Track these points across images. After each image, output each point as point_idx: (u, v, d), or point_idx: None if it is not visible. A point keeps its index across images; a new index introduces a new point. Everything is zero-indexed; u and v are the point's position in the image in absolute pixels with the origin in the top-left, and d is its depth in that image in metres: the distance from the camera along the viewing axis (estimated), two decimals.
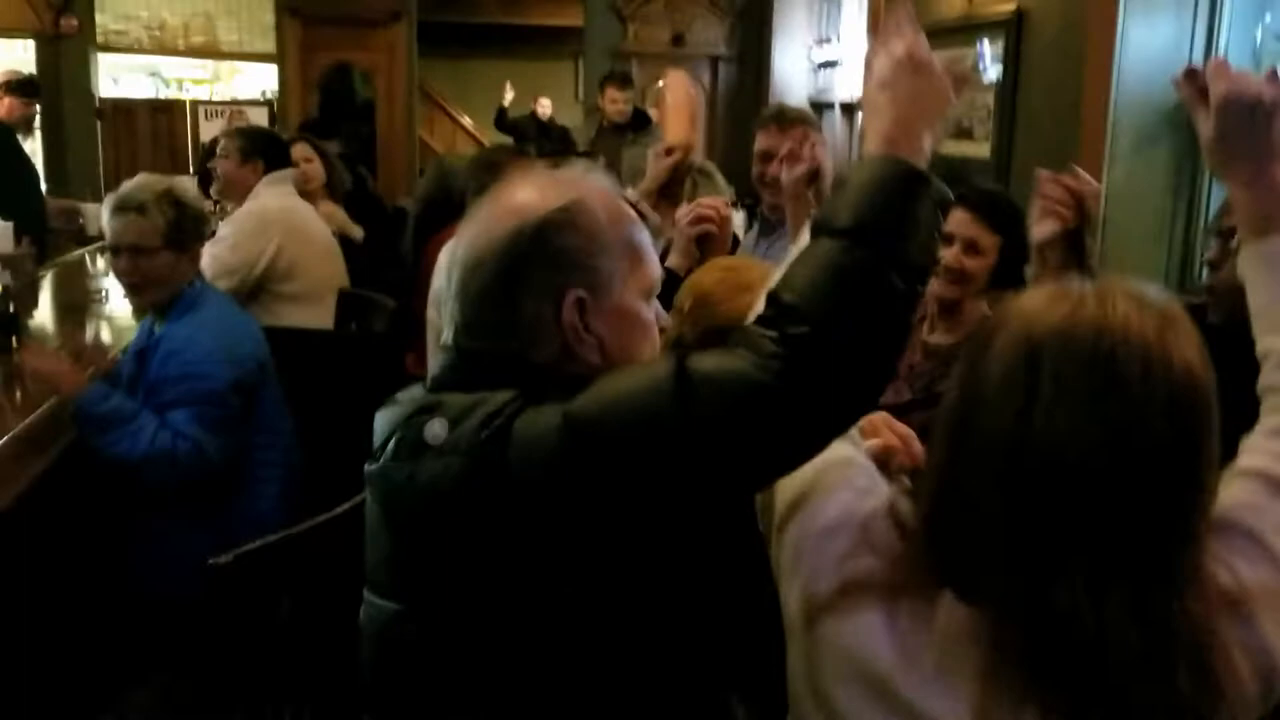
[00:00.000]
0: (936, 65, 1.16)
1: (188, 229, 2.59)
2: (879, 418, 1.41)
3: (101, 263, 4.25)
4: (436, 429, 1.09)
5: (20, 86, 5.26)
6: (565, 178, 1.24)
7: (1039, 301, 1.00)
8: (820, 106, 7.94)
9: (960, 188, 2.19)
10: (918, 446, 1.37)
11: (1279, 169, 1.17)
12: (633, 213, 1.26)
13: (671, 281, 1.91)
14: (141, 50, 8.13)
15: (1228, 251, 2.00)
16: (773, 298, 1.05)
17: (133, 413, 2.42)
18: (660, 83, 9.16)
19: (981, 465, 0.98)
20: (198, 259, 2.69)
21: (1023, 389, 0.96)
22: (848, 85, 7.30)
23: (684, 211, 2.31)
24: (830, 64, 7.55)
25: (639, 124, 6.15)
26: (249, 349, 2.64)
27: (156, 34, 8.07)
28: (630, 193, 2.90)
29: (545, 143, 4.61)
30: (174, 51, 8.23)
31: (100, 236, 5.14)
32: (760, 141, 3.02)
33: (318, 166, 4.46)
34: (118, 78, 8.42)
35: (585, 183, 1.24)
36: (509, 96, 7.61)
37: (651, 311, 1.24)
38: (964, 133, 5.17)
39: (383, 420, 1.19)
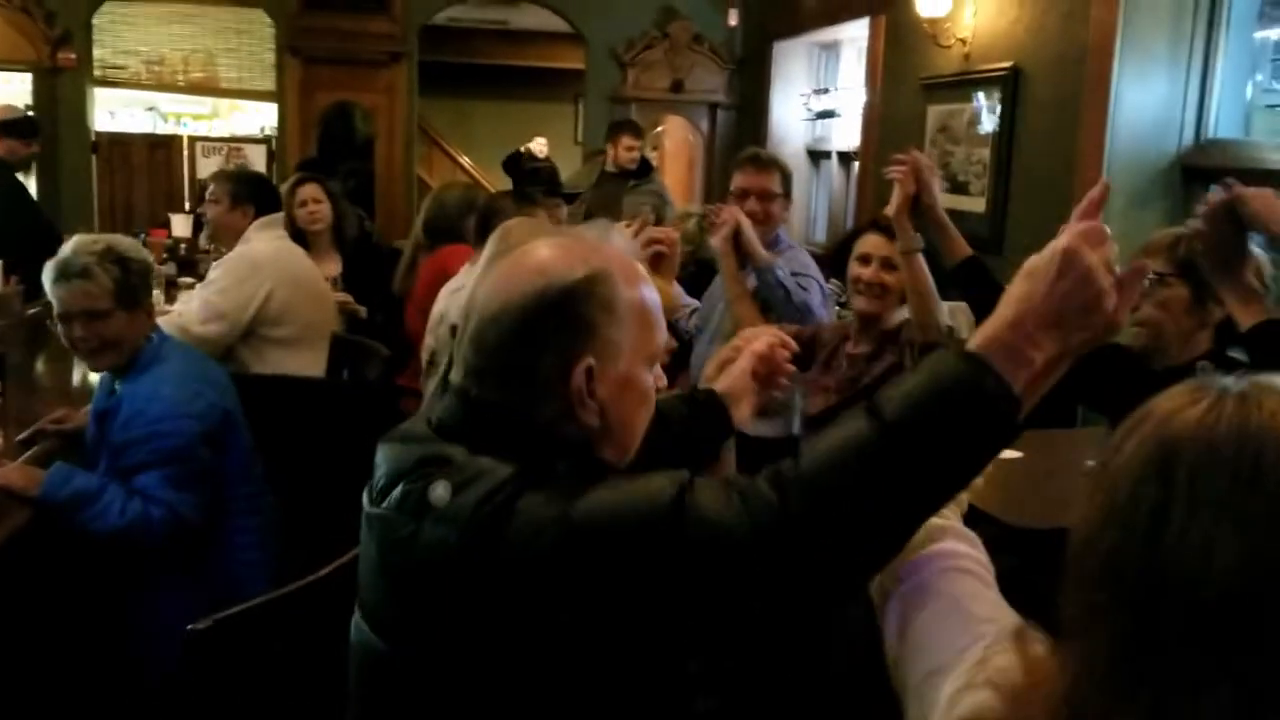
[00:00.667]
0: (1097, 274, 1.05)
1: (136, 284, 2.52)
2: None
3: None
4: (440, 491, 1.13)
5: (18, 127, 5.24)
6: (591, 243, 1.29)
7: (1175, 401, 0.90)
8: (817, 155, 7.98)
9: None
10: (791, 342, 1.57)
11: None
12: (648, 279, 1.29)
13: None
14: (140, 85, 8.15)
15: (1141, 290, 2.10)
16: (795, 454, 1.07)
17: (98, 489, 2.37)
18: (659, 128, 9.26)
19: (1111, 584, 0.89)
20: (151, 312, 2.63)
21: (1154, 500, 0.86)
22: (844, 134, 7.35)
23: (641, 236, 2.46)
24: (828, 113, 7.60)
25: (642, 171, 6.22)
26: (212, 398, 2.57)
27: (155, 69, 8.10)
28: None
29: (534, 187, 4.62)
30: (173, 87, 8.26)
31: None
32: (737, 180, 3.23)
33: (326, 209, 4.44)
34: (114, 111, 8.43)
35: (608, 250, 1.29)
36: (538, 147, 7.35)
37: (652, 378, 1.27)
38: (960, 187, 5.19)
39: (388, 458, 1.23)
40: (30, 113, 5.53)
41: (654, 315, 1.26)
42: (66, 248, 2.52)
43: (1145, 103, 4.10)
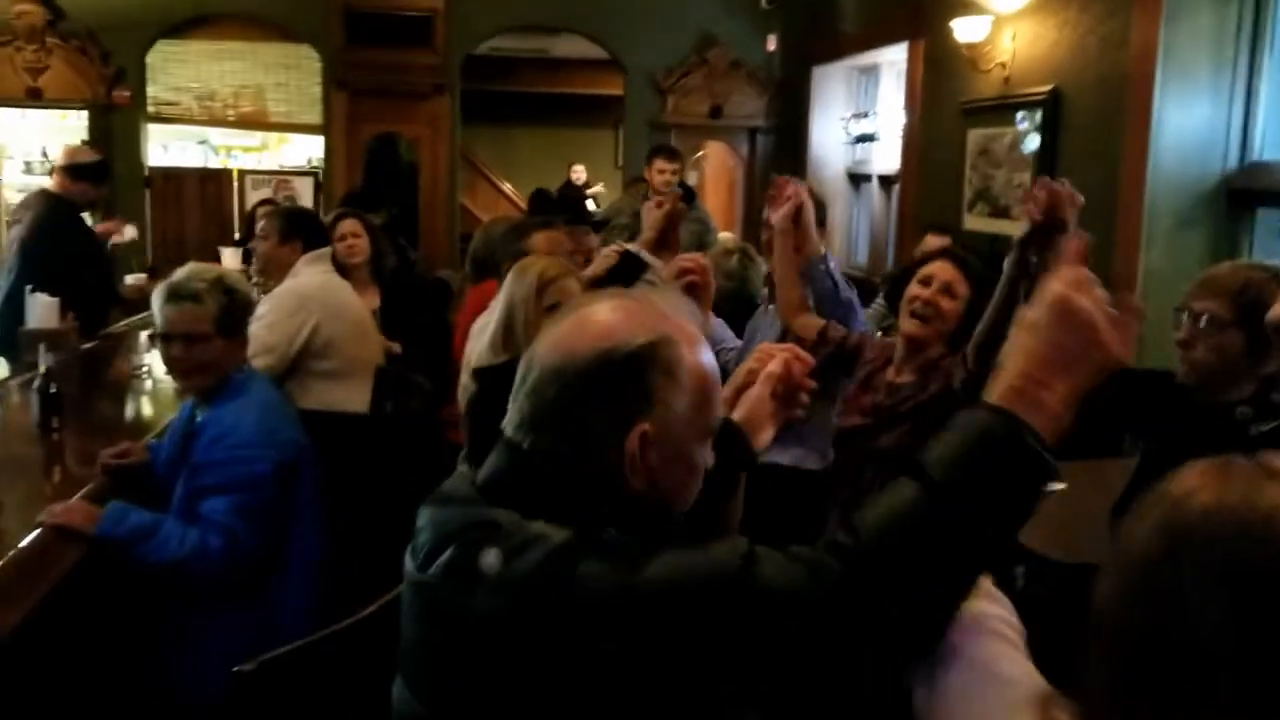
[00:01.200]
0: (1091, 315, 1.13)
1: (238, 316, 2.65)
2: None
3: (143, 336, 4.31)
4: (491, 559, 1.12)
5: (92, 170, 5.34)
6: (659, 309, 1.29)
7: (1187, 483, 0.91)
8: (858, 178, 7.98)
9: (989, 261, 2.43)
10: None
11: None
12: (709, 347, 1.29)
13: None
14: (192, 121, 8.36)
15: (1198, 331, 2.10)
16: (849, 524, 1.10)
17: (154, 524, 2.43)
18: (700, 153, 9.30)
19: (1126, 664, 0.90)
20: (245, 344, 2.74)
21: (1165, 583, 0.88)
22: (884, 157, 7.34)
23: (669, 268, 2.43)
24: (867, 137, 7.60)
25: (685, 199, 6.18)
26: (293, 434, 2.67)
27: (207, 104, 8.29)
28: (631, 245, 2.99)
29: (563, 214, 4.66)
30: (223, 122, 8.45)
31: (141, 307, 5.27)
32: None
33: (365, 242, 4.51)
34: (167, 145, 8.65)
35: (675, 318, 1.28)
36: (578, 175, 7.37)
37: (706, 453, 1.27)
38: (1001, 211, 5.17)
39: (433, 522, 1.22)
40: (100, 157, 5.65)
41: (714, 387, 1.27)
42: (181, 272, 2.64)
43: (1188, 125, 4.06)
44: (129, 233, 5.82)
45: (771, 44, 8.19)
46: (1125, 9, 4.21)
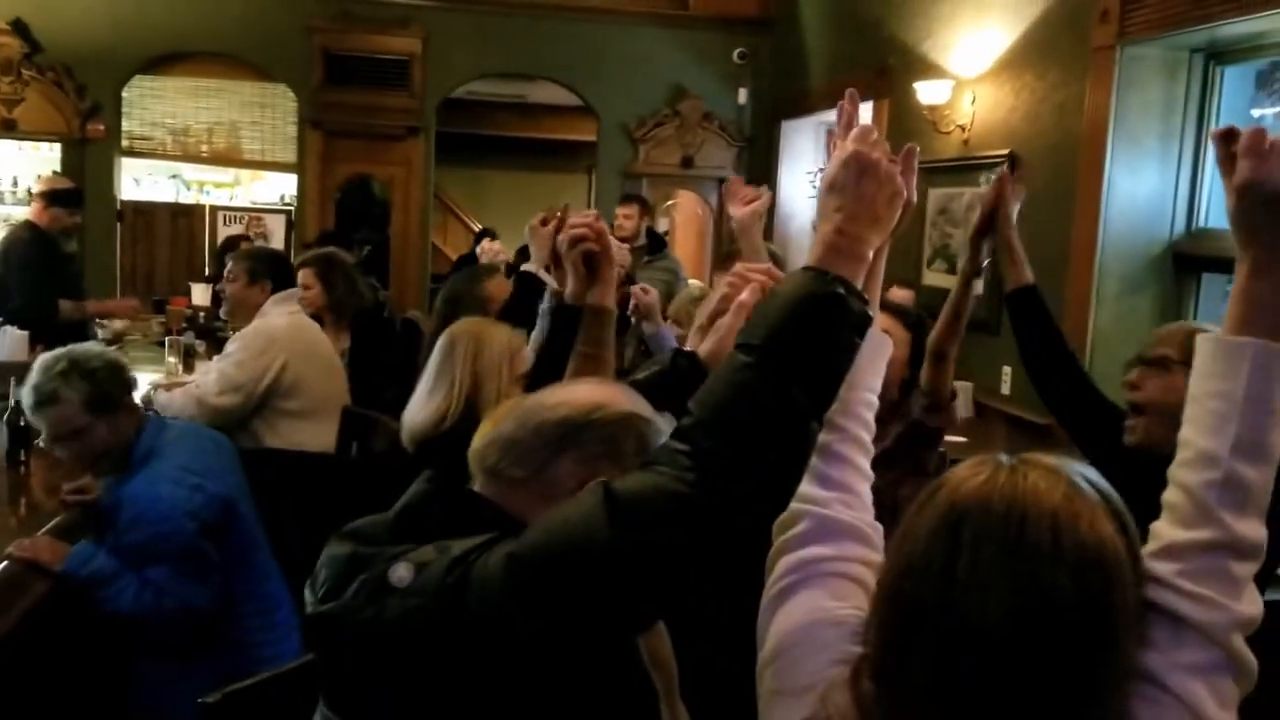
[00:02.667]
0: (886, 166, 1.22)
1: (108, 390, 2.56)
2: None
3: None
4: (402, 573, 1.20)
5: (67, 197, 5.43)
6: (630, 393, 1.43)
7: (962, 473, 1.07)
8: None
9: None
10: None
11: None
12: None
13: (569, 312, 2.09)
14: (165, 156, 8.38)
15: (1148, 373, 2.19)
16: (689, 410, 1.16)
17: (114, 572, 2.44)
18: (670, 201, 9.43)
19: (913, 630, 1.03)
20: (133, 409, 2.66)
21: (945, 554, 1.02)
22: None
23: (560, 237, 2.17)
24: None
25: (654, 247, 6.26)
26: (211, 489, 2.58)
27: (181, 140, 8.33)
28: (528, 266, 2.94)
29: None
30: (197, 158, 8.49)
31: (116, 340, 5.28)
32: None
33: (315, 293, 4.49)
34: (139, 179, 8.66)
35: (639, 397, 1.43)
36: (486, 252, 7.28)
37: None
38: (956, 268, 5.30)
39: (336, 558, 1.29)
40: (74, 185, 5.74)
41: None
42: (33, 373, 2.56)
43: (1137, 192, 4.21)
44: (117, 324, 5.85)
45: (742, 98, 8.36)
46: (1080, 78, 4.38)
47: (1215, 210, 4.15)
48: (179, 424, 2.93)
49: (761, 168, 8.34)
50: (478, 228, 11.73)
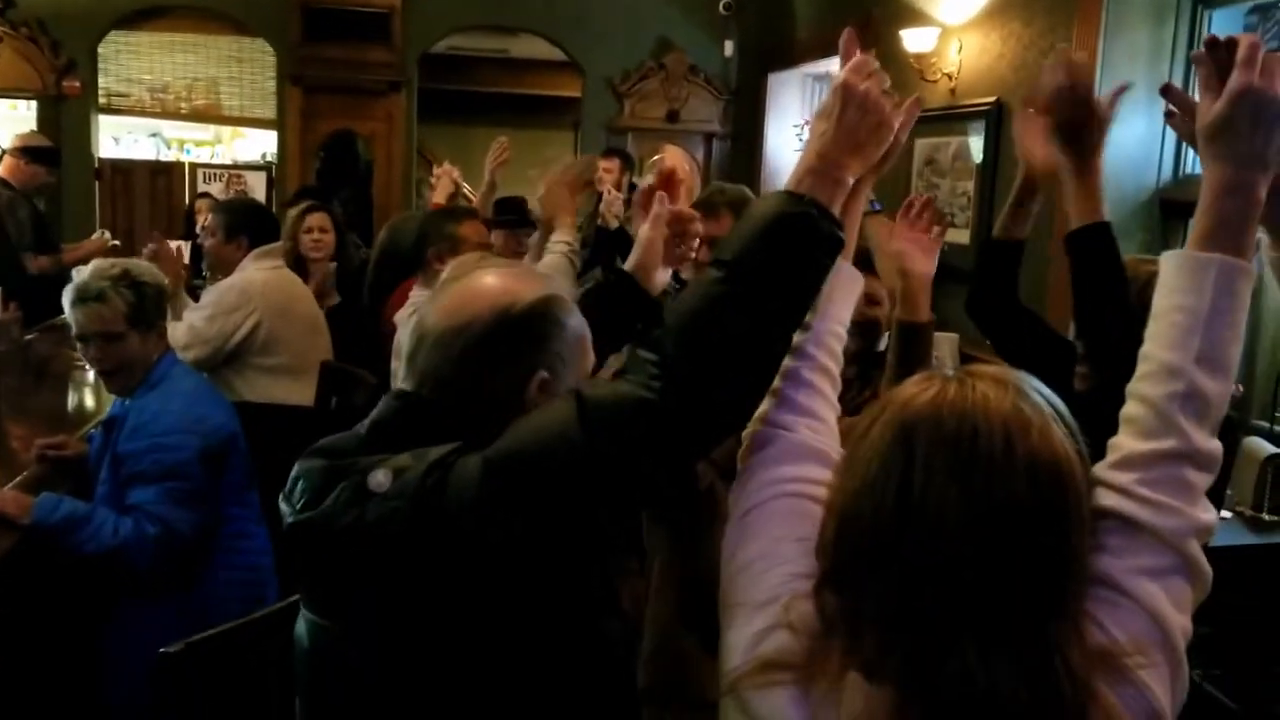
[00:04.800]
0: (875, 96, 1.26)
1: (149, 308, 2.63)
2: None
3: None
4: (380, 478, 1.22)
5: (43, 154, 5.35)
6: (541, 274, 1.47)
7: (909, 390, 1.08)
8: None
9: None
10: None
11: (1262, 185, 1.14)
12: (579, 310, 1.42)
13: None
14: (143, 113, 8.27)
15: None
16: (662, 320, 1.20)
17: (86, 514, 2.43)
18: (656, 156, 9.33)
19: (870, 546, 1.04)
20: (164, 334, 2.73)
21: (899, 470, 1.03)
22: None
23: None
24: None
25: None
26: (217, 421, 2.66)
27: (159, 97, 8.21)
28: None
29: (503, 215, 4.66)
30: (175, 115, 8.37)
31: None
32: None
33: (331, 239, 4.50)
34: (119, 138, 8.55)
35: (556, 281, 1.46)
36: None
37: None
38: (945, 219, 5.26)
39: (311, 471, 1.30)
40: (51, 144, 5.65)
41: (588, 340, 1.39)
42: (85, 271, 2.64)
43: (1124, 139, 4.16)
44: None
45: (728, 50, 8.25)
46: (1066, 24, 4.31)
47: None
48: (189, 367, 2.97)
49: (748, 121, 8.26)
50: (465, 186, 11.65)
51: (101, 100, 7.85)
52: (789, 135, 8.02)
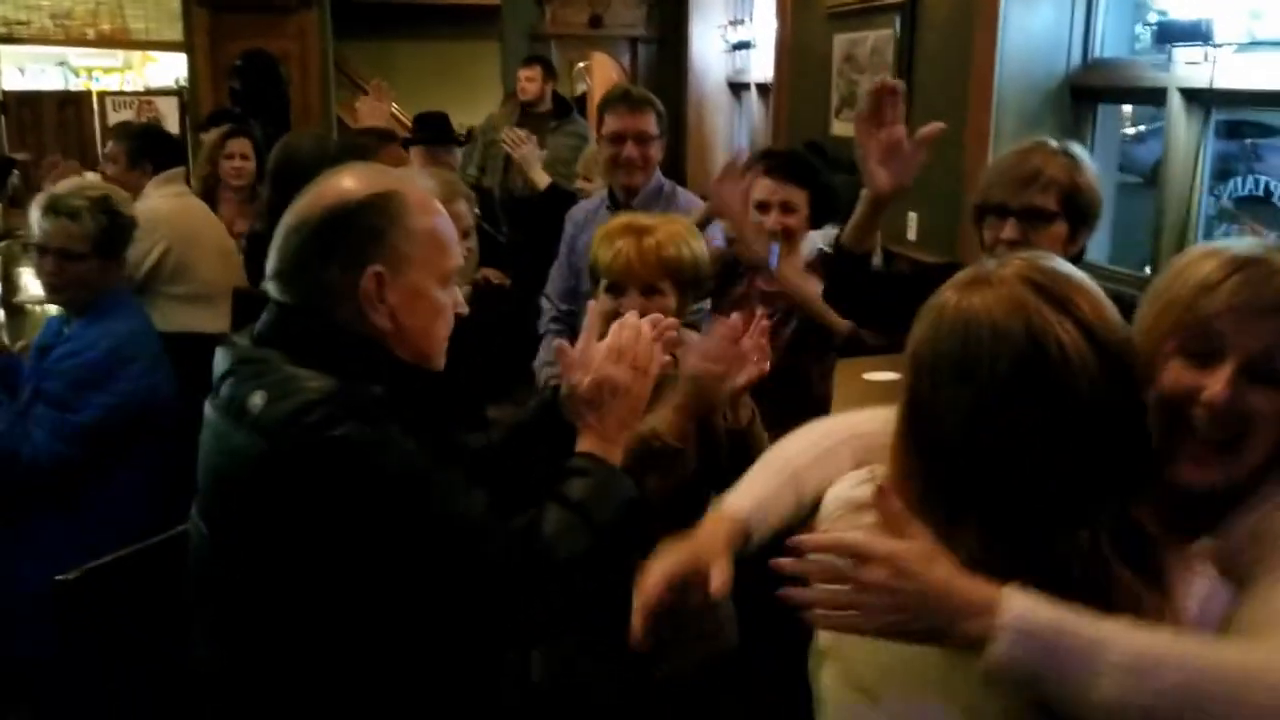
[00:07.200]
0: (626, 381, 1.43)
1: (117, 237, 2.63)
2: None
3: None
4: (257, 400, 1.27)
5: None
6: (393, 173, 1.47)
7: (932, 300, 1.14)
8: (738, 87, 7.99)
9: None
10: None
11: None
12: (443, 210, 1.44)
13: None
14: (47, 41, 7.97)
15: (1029, 226, 2.03)
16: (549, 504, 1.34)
17: None
18: (581, 64, 9.19)
19: (915, 440, 1.13)
20: (122, 265, 2.72)
21: (925, 378, 1.11)
22: (762, 65, 7.36)
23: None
24: (744, 44, 7.60)
25: (560, 112, 6.11)
26: (145, 378, 2.63)
27: (63, 23, 7.91)
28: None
29: (422, 131, 4.57)
30: (81, 41, 8.08)
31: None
32: (609, 124, 3.05)
33: (251, 166, 4.36)
34: (23, 68, 8.25)
35: (408, 181, 1.46)
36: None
37: (449, 296, 1.42)
38: None
39: (219, 359, 1.38)
40: None
41: (444, 240, 1.41)
42: (65, 184, 2.63)
43: (1033, 26, 4.16)
44: None
45: None
46: None
47: (1110, 41, 4.13)
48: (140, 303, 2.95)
49: (671, 25, 8.14)
50: (391, 105, 11.40)
51: (1, 30, 7.55)
52: (713, 36, 7.92)
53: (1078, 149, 2.09)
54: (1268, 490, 1.14)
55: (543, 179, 4.06)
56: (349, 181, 1.38)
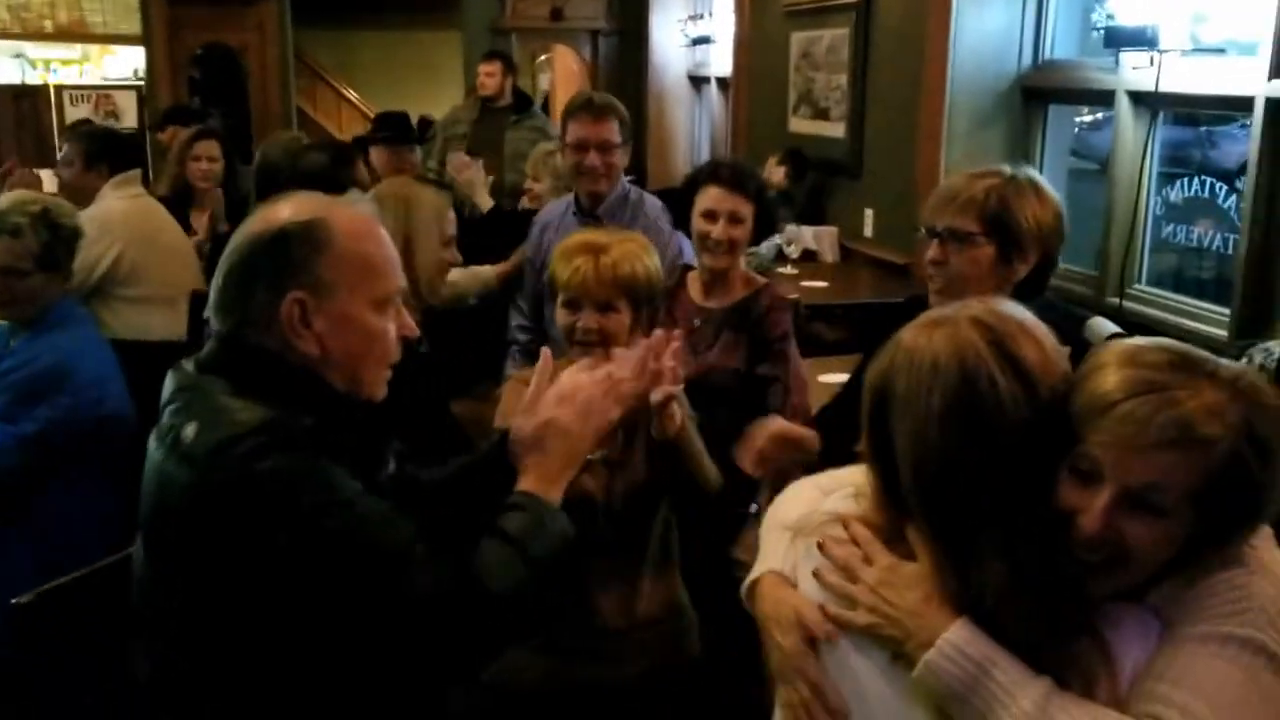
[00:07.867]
0: (567, 422, 1.45)
1: (60, 251, 2.60)
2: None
3: None
4: (189, 430, 1.27)
5: None
6: (326, 201, 1.45)
7: (912, 329, 1.23)
8: (698, 80, 8.03)
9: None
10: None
11: None
12: (380, 235, 1.43)
13: None
14: (4, 34, 7.85)
15: (950, 248, 2.01)
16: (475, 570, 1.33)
17: None
18: (543, 57, 9.18)
19: (874, 454, 1.23)
20: (69, 277, 2.69)
21: (881, 411, 1.21)
22: (721, 60, 7.40)
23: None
24: (703, 39, 7.63)
25: (521, 106, 6.08)
26: (88, 390, 2.58)
27: (22, 16, 7.78)
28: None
29: (383, 130, 4.56)
30: (38, 34, 7.96)
31: None
32: (573, 131, 3.04)
33: (219, 168, 4.35)
34: None
35: (340, 207, 1.44)
36: None
37: (385, 321, 1.41)
38: (821, 114, 5.31)
39: (168, 383, 1.38)
40: None
41: (377, 264, 1.40)
42: (4, 201, 2.59)
43: (985, 28, 4.22)
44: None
45: None
46: None
47: (1061, 42, 4.20)
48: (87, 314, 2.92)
49: (632, 18, 8.16)
50: (350, 94, 11.31)
51: None
52: (673, 30, 7.95)
53: (1032, 175, 2.03)
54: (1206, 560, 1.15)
55: (486, 203, 4.11)
56: (282, 209, 1.38)
